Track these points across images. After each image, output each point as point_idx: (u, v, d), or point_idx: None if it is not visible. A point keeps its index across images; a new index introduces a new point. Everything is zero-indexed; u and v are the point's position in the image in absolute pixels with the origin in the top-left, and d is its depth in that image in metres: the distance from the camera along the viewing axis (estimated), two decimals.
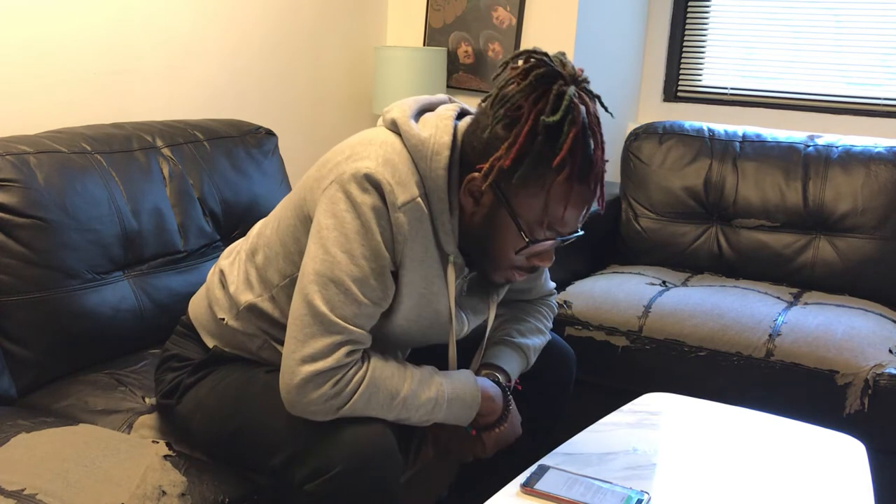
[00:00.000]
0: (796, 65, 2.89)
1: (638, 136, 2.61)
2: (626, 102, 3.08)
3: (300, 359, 1.17)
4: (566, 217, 1.21)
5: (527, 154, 1.16)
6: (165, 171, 1.81)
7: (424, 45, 2.92)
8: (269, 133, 2.15)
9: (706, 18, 3.02)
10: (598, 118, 1.20)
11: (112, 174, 1.69)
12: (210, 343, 1.42)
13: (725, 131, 2.54)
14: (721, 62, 3.02)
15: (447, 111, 1.28)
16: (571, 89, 1.16)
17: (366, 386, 1.19)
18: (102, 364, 1.64)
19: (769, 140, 2.48)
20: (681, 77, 3.09)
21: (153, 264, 1.74)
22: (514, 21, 2.75)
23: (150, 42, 2.13)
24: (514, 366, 1.47)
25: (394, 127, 1.27)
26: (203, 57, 2.29)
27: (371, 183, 1.19)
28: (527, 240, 1.22)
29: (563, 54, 1.21)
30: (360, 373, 1.20)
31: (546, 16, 2.72)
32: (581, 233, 1.27)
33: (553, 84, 1.16)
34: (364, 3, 2.86)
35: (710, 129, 2.56)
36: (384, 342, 1.31)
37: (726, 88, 3.01)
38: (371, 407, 1.20)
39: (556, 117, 1.14)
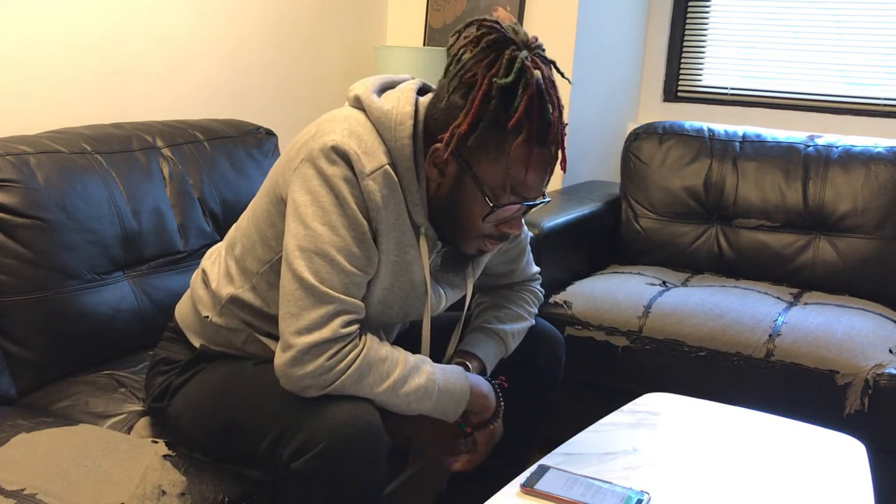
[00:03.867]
0: (796, 65, 2.89)
1: (638, 136, 2.60)
2: (626, 102, 3.08)
3: (295, 331, 1.18)
4: (528, 180, 1.23)
5: (482, 118, 1.19)
6: (165, 172, 1.81)
7: (424, 45, 2.92)
8: (269, 133, 2.15)
9: (706, 18, 3.02)
10: (553, 82, 1.23)
11: (112, 174, 1.69)
12: (197, 343, 1.43)
13: (725, 131, 2.54)
14: (721, 62, 3.02)
15: (408, 86, 1.32)
16: (524, 53, 1.19)
17: (358, 365, 1.20)
18: (102, 364, 1.64)
19: (769, 140, 2.48)
20: (681, 77, 3.09)
21: (153, 264, 1.74)
22: (514, 21, 2.75)
23: (150, 42, 2.13)
24: (489, 352, 1.47)
25: (357, 103, 1.30)
26: (203, 57, 2.29)
27: (338, 154, 1.21)
28: (491, 204, 1.24)
29: (517, 23, 1.25)
30: (356, 351, 1.21)
31: (546, 16, 2.72)
32: (547, 199, 1.30)
33: (505, 49, 1.19)
34: (364, 3, 2.86)
35: (710, 129, 2.56)
36: (365, 320, 1.31)
37: (726, 88, 3.01)
38: (360, 387, 1.21)
39: (509, 79, 1.16)
